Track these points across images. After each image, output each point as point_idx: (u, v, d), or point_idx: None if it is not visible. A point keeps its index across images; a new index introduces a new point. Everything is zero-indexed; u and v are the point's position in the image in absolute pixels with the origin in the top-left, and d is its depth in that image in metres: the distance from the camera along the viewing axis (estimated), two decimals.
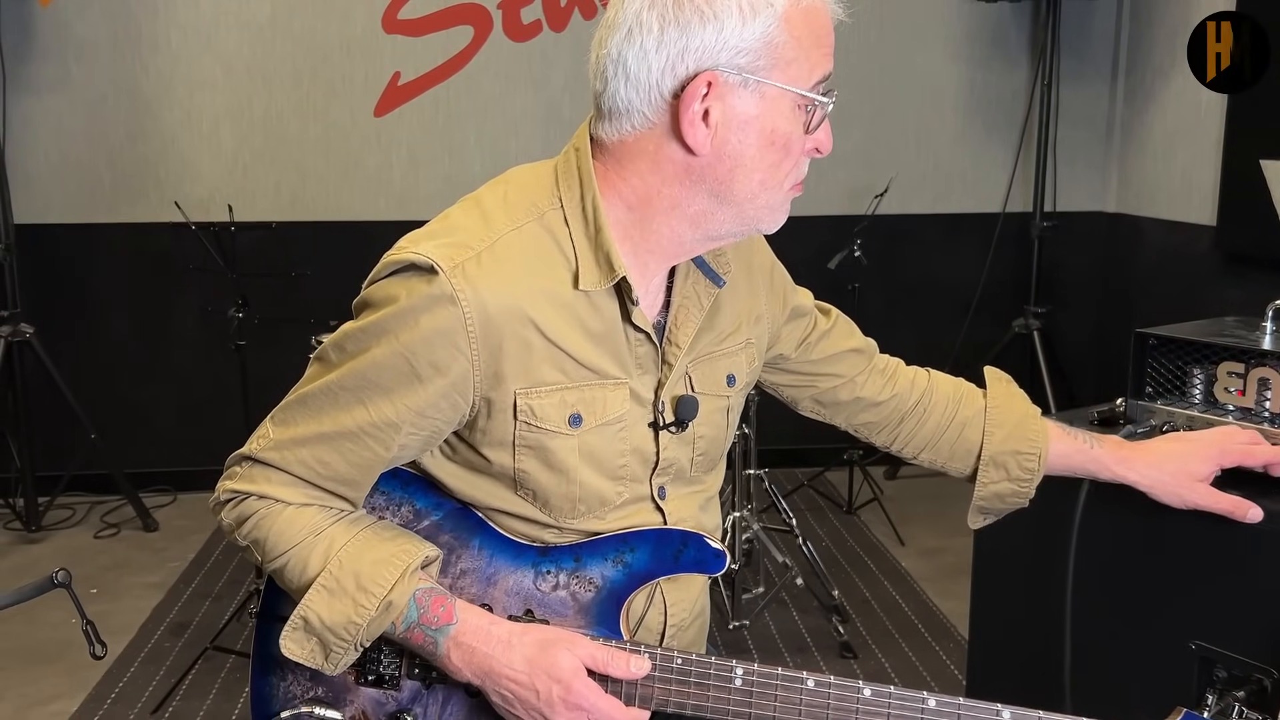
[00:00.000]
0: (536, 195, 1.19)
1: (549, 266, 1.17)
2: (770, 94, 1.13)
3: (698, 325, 1.26)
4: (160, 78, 4.26)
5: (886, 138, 4.52)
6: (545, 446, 1.19)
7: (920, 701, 1.17)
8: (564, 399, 1.19)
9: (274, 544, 1.20)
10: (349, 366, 1.16)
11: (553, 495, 1.22)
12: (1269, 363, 1.59)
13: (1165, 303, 4.15)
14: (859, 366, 1.58)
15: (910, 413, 1.59)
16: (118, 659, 3.09)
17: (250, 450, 1.22)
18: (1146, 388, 1.73)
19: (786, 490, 3.99)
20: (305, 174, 4.37)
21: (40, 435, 4.13)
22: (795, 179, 1.21)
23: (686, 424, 1.26)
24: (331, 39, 4.30)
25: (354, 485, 1.21)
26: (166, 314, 4.40)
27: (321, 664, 1.19)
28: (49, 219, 4.26)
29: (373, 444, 1.17)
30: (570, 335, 1.17)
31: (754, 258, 1.40)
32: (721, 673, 1.18)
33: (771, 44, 1.11)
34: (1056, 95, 4.31)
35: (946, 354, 4.52)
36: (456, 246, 1.14)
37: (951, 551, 3.74)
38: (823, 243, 4.15)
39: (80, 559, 3.77)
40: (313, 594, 1.17)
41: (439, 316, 1.12)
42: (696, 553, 1.23)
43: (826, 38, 1.16)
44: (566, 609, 1.23)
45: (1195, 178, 3.98)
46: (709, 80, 1.10)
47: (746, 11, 1.10)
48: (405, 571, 1.17)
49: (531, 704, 1.17)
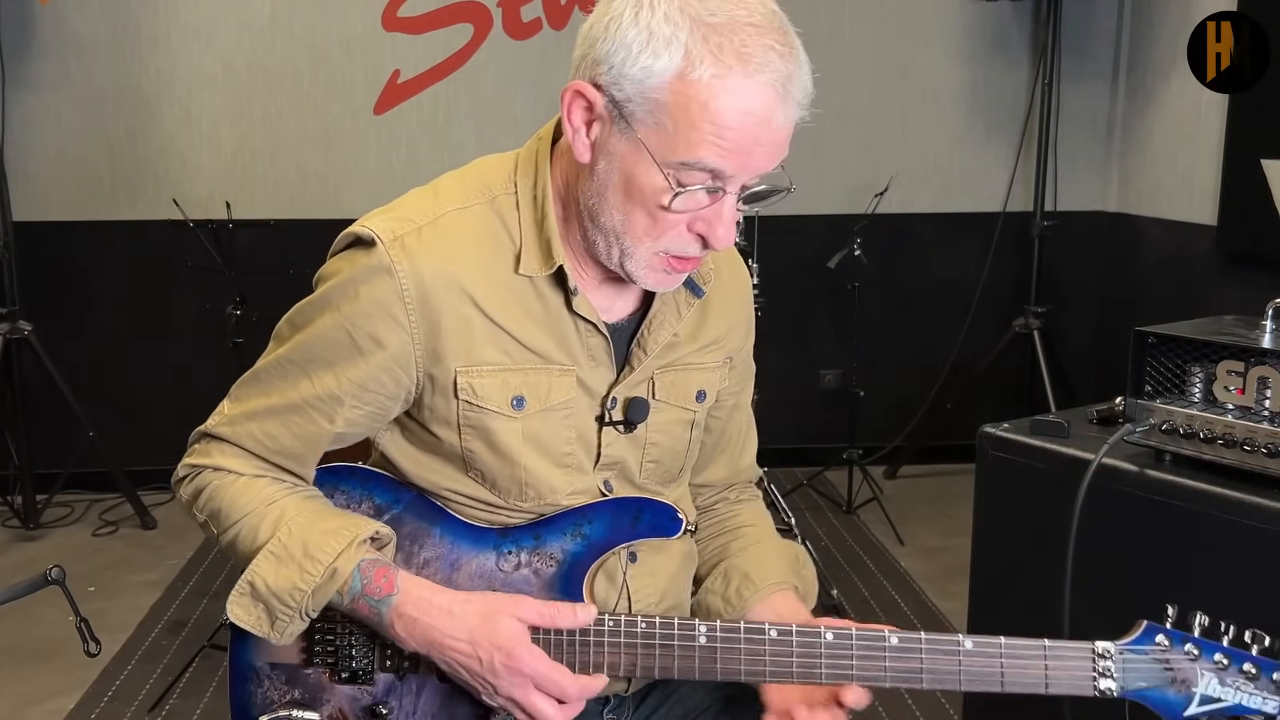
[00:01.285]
0: (491, 179, 1.23)
1: (492, 247, 1.19)
2: (637, 143, 1.08)
3: (673, 332, 1.26)
4: (160, 76, 4.25)
5: (887, 136, 4.51)
6: (488, 428, 1.21)
7: (883, 640, 1.16)
8: (506, 380, 1.20)
9: (227, 514, 1.22)
10: (297, 339, 1.20)
11: (500, 478, 1.23)
12: (1269, 361, 1.59)
13: (1166, 303, 4.14)
14: (721, 469, 1.47)
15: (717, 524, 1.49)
16: (115, 657, 3.09)
17: (207, 426, 1.26)
18: (1146, 386, 1.72)
19: (786, 489, 3.98)
20: (305, 172, 4.36)
21: (38, 433, 4.12)
22: (669, 248, 1.14)
23: (634, 425, 1.26)
24: (331, 37, 4.29)
25: (300, 459, 1.24)
26: (165, 312, 4.39)
27: (268, 631, 1.20)
28: (48, 216, 4.25)
29: (317, 417, 1.20)
30: (512, 316, 1.19)
31: (746, 289, 1.41)
32: (685, 632, 1.17)
33: (650, 98, 1.06)
34: (1057, 94, 4.30)
35: (946, 354, 4.52)
36: (399, 220, 1.18)
37: (951, 551, 3.73)
38: (822, 242, 4.14)
39: (78, 557, 3.76)
40: (261, 559, 1.19)
41: (376, 288, 1.15)
42: (653, 517, 1.24)
43: (726, 131, 1.05)
44: (530, 586, 1.23)
45: (1196, 177, 3.98)
46: (577, 89, 1.10)
47: (643, 51, 1.05)
48: (352, 542, 1.19)
49: (476, 672, 1.17)
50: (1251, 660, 1.12)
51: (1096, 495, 1.67)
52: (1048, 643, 1.14)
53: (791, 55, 1.07)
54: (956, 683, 1.15)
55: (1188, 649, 1.13)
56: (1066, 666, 1.14)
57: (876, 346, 4.51)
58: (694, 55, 1.04)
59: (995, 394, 4.47)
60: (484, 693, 1.19)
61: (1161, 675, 1.14)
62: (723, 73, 1.04)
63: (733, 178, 1.09)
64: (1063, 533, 1.66)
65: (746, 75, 1.04)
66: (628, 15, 1.07)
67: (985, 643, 1.15)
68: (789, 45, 1.07)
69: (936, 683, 1.16)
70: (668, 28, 1.04)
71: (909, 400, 4.57)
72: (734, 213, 1.12)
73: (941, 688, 1.17)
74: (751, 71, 1.04)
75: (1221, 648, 1.13)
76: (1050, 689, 1.14)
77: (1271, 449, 1.56)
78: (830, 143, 4.46)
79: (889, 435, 4.59)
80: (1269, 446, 1.56)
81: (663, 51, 1.04)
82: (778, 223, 3.94)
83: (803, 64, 1.09)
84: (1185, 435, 1.66)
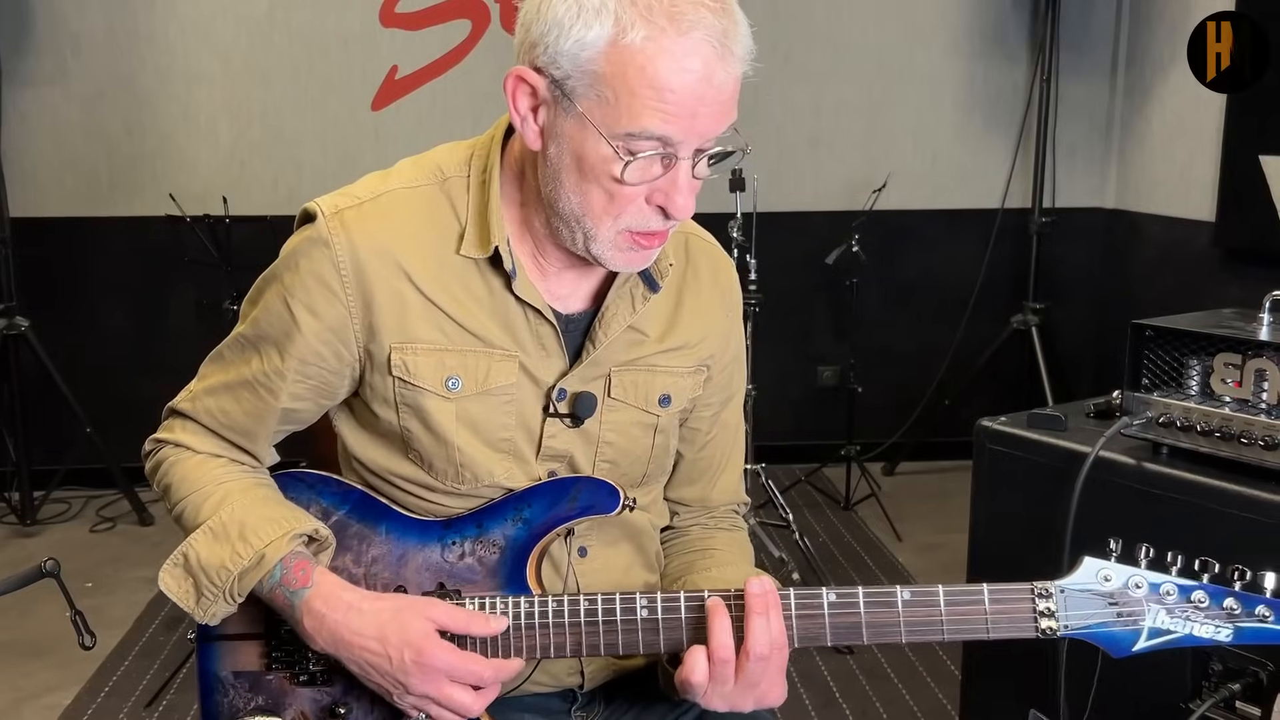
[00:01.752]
0: (446, 161, 1.23)
1: (436, 228, 1.20)
2: (582, 119, 1.07)
3: (624, 325, 1.24)
4: (157, 71, 4.25)
5: (885, 132, 4.51)
6: (423, 407, 1.21)
7: (820, 598, 1.15)
8: (442, 361, 1.20)
9: (178, 488, 1.25)
10: (251, 316, 1.23)
11: (436, 459, 1.23)
12: (1266, 354, 1.58)
13: (1164, 298, 4.14)
14: (699, 489, 1.43)
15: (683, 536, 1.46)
16: (112, 652, 3.09)
17: (174, 401, 1.29)
18: (1143, 379, 1.72)
19: (784, 486, 3.98)
20: (302, 168, 4.36)
21: (36, 429, 4.12)
22: (631, 224, 1.13)
23: (580, 420, 1.25)
24: (329, 33, 4.29)
25: (251, 436, 1.26)
26: (163, 307, 4.39)
27: (193, 606, 1.21)
28: (45, 212, 4.25)
29: (264, 393, 1.22)
30: (450, 297, 1.19)
31: (734, 305, 1.37)
32: (627, 605, 1.17)
33: (587, 71, 1.05)
34: (1056, 90, 4.30)
35: (945, 350, 4.52)
36: (344, 195, 1.20)
37: (949, 548, 3.73)
38: (821, 238, 4.14)
39: (76, 553, 3.76)
40: (198, 534, 1.21)
41: (314, 259, 1.17)
42: (590, 494, 1.24)
43: (667, 94, 1.04)
44: (475, 574, 1.24)
45: (1194, 173, 3.97)
46: (517, 75, 1.10)
47: (575, 24, 1.04)
48: (287, 534, 1.19)
49: (386, 671, 1.16)
50: (1200, 589, 1.10)
51: (1093, 488, 1.67)
52: (988, 586, 1.12)
53: (725, 11, 1.05)
54: (898, 634, 1.14)
55: (1133, 582, 1.11)
56: (1006, 609, 1.12)
57: (875, 343, 4.51)
58: (624, 20, 1.03)
59: (993, 390, 4.47)
60: (395, 693, 1.18)
61: (1107, 611, 1.11)
62: (655, 34, 1.02)
63: (682, 143, 1.07)
64: (1059, 526, 1.66)
65: (680, 34, 1.03)
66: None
67: (923, 592, 1.14)
68: (722, 2, 1.06)
69: (878, 636, 1.15)
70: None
71: (907, 396, 4.57)
72: (690, 180, 1.10)
73: (884, 640, 1.16)
74: (685, 29, 1.03)
75: (1169, 579, 1.10)
76: (992, 633, 1.12)
77: (1268, 441, 1.55)
78: (828, 139, 4.46)
79: (887, 431, 4.59)
80: (1266, 439, 1.55)
81: (593, 21, 1.03)
82: (776, 219, 3.94)
83: (739, 20, 1.07)
84: (1182, 428, 1.65)
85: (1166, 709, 1.64)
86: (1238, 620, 1.09)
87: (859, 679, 2.89)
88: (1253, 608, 1.09)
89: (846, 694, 2.83)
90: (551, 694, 1.34)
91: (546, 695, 1.33)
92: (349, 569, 1.25)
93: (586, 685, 1.34)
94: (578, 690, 1.35)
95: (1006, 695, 1.98)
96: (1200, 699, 1.61)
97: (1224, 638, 1.09)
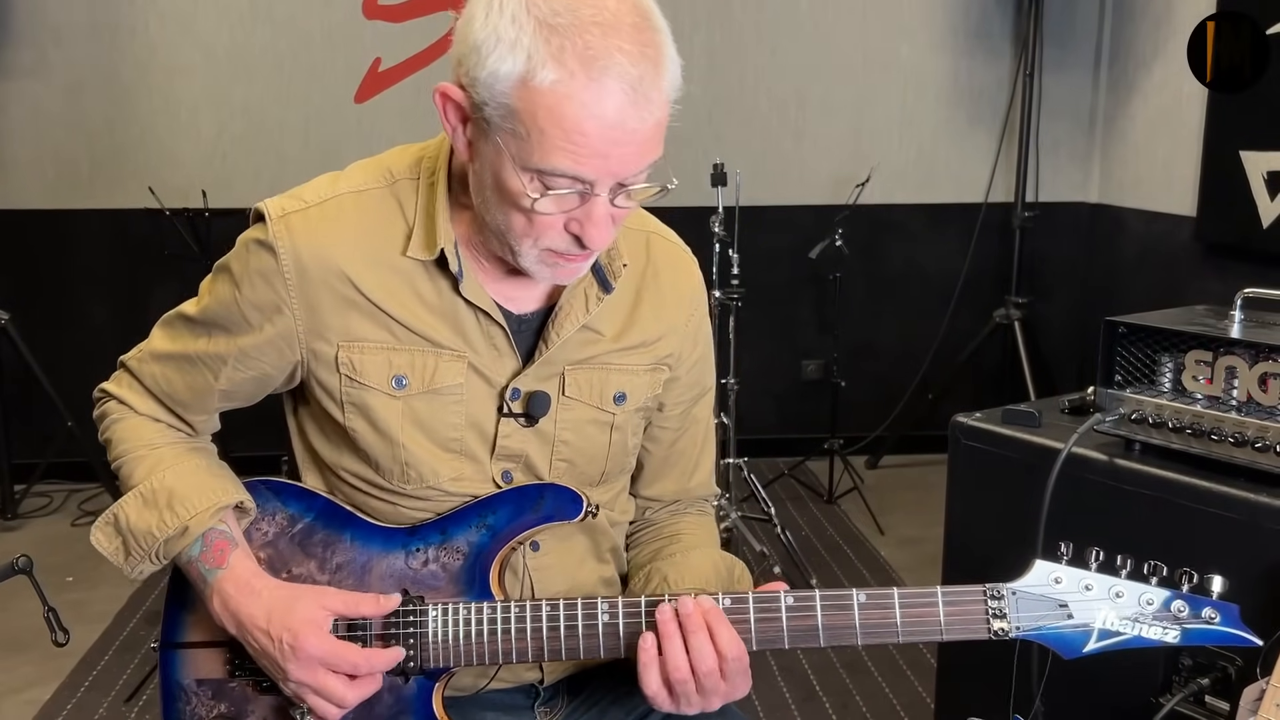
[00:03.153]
0: (398, 163, 1.24)
1: (383, 231, 1.20)
2: (499, 147, 1.06)
3: (577, 325, 1.24)
4: (138, 63, 4.22)
5: (869, 127, 4.51)
6: (368, 405, 1.22)
7: (778, 601, 1.16)
8: (389, 360, 1.21)
9: (116, 445, 1.29)
10: (203, 303, 1.25)
11: (381, 457, 1.24)
12: (1236, 351, 1.59)
13: (1146, 293, 4.16)
14: (670, 484, 1.43)
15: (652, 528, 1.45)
16: (92, 647, 3.08)
17: (125, 356, 1.32)
18: (1116, 376, 1.73)
19: (767, 479, 3.99)
20: (285, 160, 4.34)
21: (17, 422, 4.10)
22: (551, 246, 1.12)
23: (535, 419, 1.25)
24: (312, 25, 4.27)
25: (188, 408, 1.29)
26: (144, 301, 4.37)
27: (122, 563, 1.25)
28: (25, 204, 4.23)
29: (205, 372, 1.25)
30: (396, 300, 1.20)
31: (698, 303, 1.36)
32: (589, 611, 1.17)
33: (501, 104, 1.03)
34: (1039, 85, 4.31)
35: (928, 344, 4.53)
36: (293, 198, 1.21)
37: (931, 541, 3.73)
38: (805, 232, 4.15)
39: (57, 547, 3.75)
40: (130, 497, 1.25)
41: (260, 260, 1.19)
42: (554, 501, 1.24)
43: (576, 137, 1.01)
44: (439, 580, 1.24)
45: (1176, 169, 3.99)
46: (443, 91, 1.09)
47: (490, 54, 1.02)
48: (213, 507, 1.22)
49: (271, 654, 1.18)
50: (1150, 591, 1.11)
51: (1066, 484, 1.68)
52: (941, 589, 1.14)
53: (642, 55, 1.01)
54: (854, 637, 1.15)
55: (1084, 584, 1.12)
56: (960, 611, 1.14)
57: (858, 337, 4.52)
58: (535, 59, 1.00)
59: (976, 384, 4.48)
60: (279, 678, 1.20)
61: (1057, 613, 1.12)
62: (565, 78, 1.00)
63: (597, 180, 1.05)
64: (1033, 522, 1.67)
65: (590, 79, 1.00)
66: (479, 16, 1.03)
67: (879, 594, 1.15)
68: (642, 44, 1.01)
69: (835, 639, 1.16)
70: (512, 30, 1.01)
71: (890, 390, 4.58)
72: (607, 213, 1.08)
73: (840, 644, 1.17)
74: (595, 75, 1.00)
75: (1119, 581, 1.12)
76: (946, 635, 1.14)
77: (1238, 438, 1.56)
78: (812, 133, 4.46)
79: (870, 425, 4.60)
80: (1236, 436, 1.57)
81: (507, 55, 1.01)
82: (760, 213, 3.94)
83: (661, 61, 1.03)
84: (1154, 424, 1.66)
85: (1137, 703, 1.66)
86: (1184, 622, 1.11)
87: (839, 672, 2.90)
88: (1199, 610, 1.11)
89: (826, 687, 2.84)
90: (514, 689, 1.34)
91: (509, 691, 1.34)
92: (314, 576, 1.25)
93: (546, 680, 1.35)
94: (538, 685, 1.35)
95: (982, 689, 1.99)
96: (1170, 693, 1.62)
97: (1172, 639, 1.11)
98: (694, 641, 1.12)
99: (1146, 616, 1.11)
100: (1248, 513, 1.54)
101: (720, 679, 1.13)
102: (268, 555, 1.27)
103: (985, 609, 1.13)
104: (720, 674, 1.13)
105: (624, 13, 1.02)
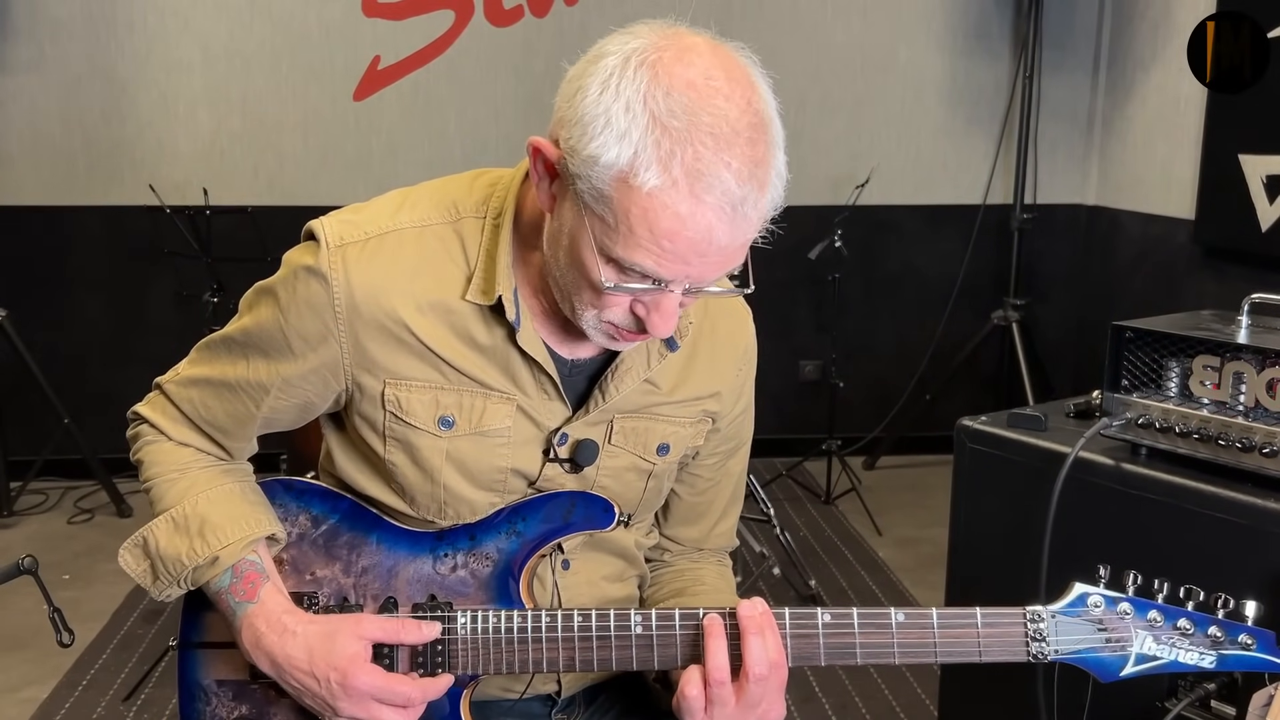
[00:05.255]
0: (466, 198, 1.18)
1: (441, 271, 1.15)
2: (583, 221, 1.02)
3: (639, 380, 1.22)
4: (136, 59, 4.21)
5: (868, 128, 4.52)
6: (412, 443, 1.19)
7: (816, 619, 1.14)
8: (437, 399, 1.18)
9: (148, 466, 1.26)
10: (246, 320, 1.20)
11: (419, 494, 1.22)
12: (1244, 356, 1.60)
13: (1143, 296, 4.17)
14: (695, 530, 1.42)
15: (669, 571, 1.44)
16: (89, 646, 3.07)
17: (162, 378, 1.29)
18: (1123, 380, 1.73)
19: (765, 480, 3.99)
20: (283, 158, 4.33)
21: (13, 420, 4.08)
22: (614, 320, 1.09)
23: (580, 467, 1.23)
24: (311, 22, 4.26)
25: (227, 434, 1.25)
26: (141, 298, 4.35)
27: (149, 585, 1.23)
28: (22, 201, 4.20)
29: (245, 399, 1.21)
30: (448, 343, 1.16)
31: (750, 360, 1.36)
32: (621, 623, 1.16)
33: (595, 187, 0.99)
34: (1038, 87, 4.31)
35: (926, 345, 4.54)
36: (353, 226, 1.16)
37: (928, 542, 3.75)
38: (803, 233, 4.14)
39: (53, 545, 3.73)
40: (161, 521, 1.22)
41: (311, 290, 1.14)
42: (586, 509, 1.23)
43: (664, 242, 0.98)
44: (467, 587, 1.23)
45: (1174, 171, 4.00)
46: (536, 146, 1.04)
47: (596, 137, 0.97)
48: (246, 539, 1.19)
49: (316, 693, 1.16)
50: (1186, 616, 1.12)
51: (1072, 488, 1.68)
52: (980, 610, 1.14)
53: (751, 175, 0.97)
54: (891, 656, 1.15)
55: (1121, 609, 1.13)
56: (999, 633, 1.13)
57: (856, 338, 4.52)
58: (641, 159, 0.95)
59: (974, 386, 4.49)
60: (326, 715, 1.18)
61: (1096, 636, 1.13)
62: (666, 186, 0.95)
63: (673, 281, 1.02)
64: (1039, 525, 1.67)
65: (692, 194, 0.96)
66: (593, 90, 0.99)
67: (917, 614, 1.14)
68: (754, 161, 0.97)
69: (872, 658, 1.15)
70: (624, 119, 0.96)
71: (888, 391, 4.58)
72: (675, 308, 1.06)
73: (877, 662, 1.16)
74: (699, 191, 0.96)
75: (1155, 605, 1.12)
76: (984, 656, 1.13)
77: (1245, 443, 1.57)
78: (811, 134, 4.46)
79: (868, 426, 4.60)
80: (1243, 441, 1.57)
81: (613, 145, 0.96)
82: None
83: (767, 182, 0.99)
84: (1161, 429, 1.66)
85: (1143, 707, 1.66)
86: (1221, 648, 1.12)
87: (838, 674, 2.90)
88: (1235, 635, 1.12)
89: (826, 689, 2.84)
90: (531, 698, 1.33)
91: (527, 699, 1.33)
92: (338, 579, 1.24)
93: (564, 693, 1.34)
94: (555, 695, 1.34)
95: (984, 690, 1.99)
96: (1176, 698, 1.63)
97: (1208, 664, 1.12)
98: (752, 643, 1.10)
99: (1184, 641, 1.12)
100: (1254, 517, 1.55)
101: (766, 688, 1.11)
102: (290, 557, 1.25)
103: (1025, 631, 1.13)
104: (766, 681, 1.10)
105: (743, 125, 0.97)
